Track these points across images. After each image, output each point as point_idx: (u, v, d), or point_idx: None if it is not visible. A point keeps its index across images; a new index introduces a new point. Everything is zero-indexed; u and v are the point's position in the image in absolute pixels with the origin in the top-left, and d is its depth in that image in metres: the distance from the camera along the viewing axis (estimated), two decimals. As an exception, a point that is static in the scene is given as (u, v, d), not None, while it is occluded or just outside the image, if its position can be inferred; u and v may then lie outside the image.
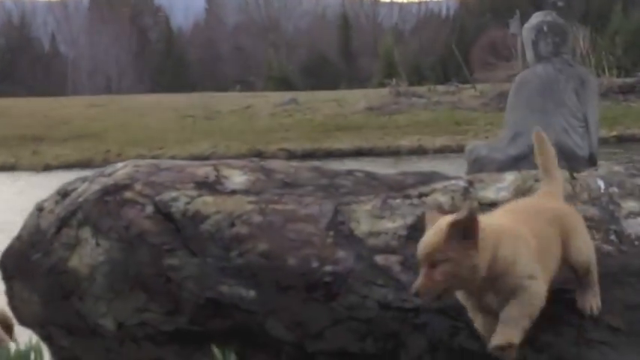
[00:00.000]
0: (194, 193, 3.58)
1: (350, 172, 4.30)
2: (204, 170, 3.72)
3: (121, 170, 3.67)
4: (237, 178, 3.74)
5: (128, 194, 3.52)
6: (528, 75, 8.54)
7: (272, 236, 3.59)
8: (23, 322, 3.85)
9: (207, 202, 3.56)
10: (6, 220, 11.06)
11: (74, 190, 3.69)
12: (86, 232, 3.49)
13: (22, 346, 3.51)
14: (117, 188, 3.54)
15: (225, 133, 18.30)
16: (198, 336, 3.58)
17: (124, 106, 21.92)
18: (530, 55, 8.44)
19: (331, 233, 3.76)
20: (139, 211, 3.48)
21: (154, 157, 16.21)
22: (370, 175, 4.27)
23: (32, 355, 3.72)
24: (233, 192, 3.67)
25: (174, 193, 3.53)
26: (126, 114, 20.51)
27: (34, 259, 3.61)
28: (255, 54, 59.63)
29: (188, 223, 3.50)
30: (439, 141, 23.69)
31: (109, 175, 3.66)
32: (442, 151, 22.06)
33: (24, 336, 4.00)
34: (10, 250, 3.76)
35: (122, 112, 20.83)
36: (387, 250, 3.78)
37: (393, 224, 3.86)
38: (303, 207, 3.79)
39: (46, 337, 3.71)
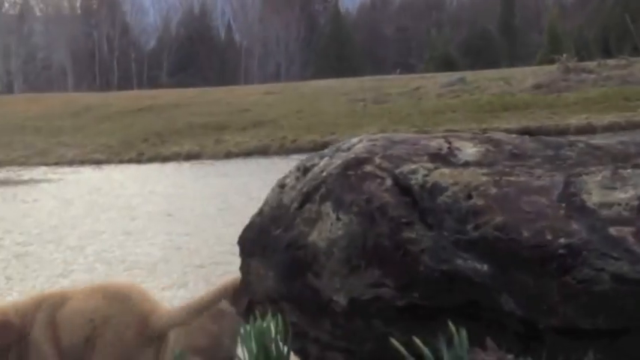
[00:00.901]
0: (430, 165, 3.57)
1: (572, 143, 4.21)
2: (436, 142, 3.71)
3: (358, 144, 3.72)
4: (468, 150, 3.71)
5: (369, 167, 3.55)
6: None
7: (508, 209, 3.52)
8: (255, 298, 3.95)
9: (444, 174, 3.54)
10: (194, 206, 11.62)
11: (314, 165, 3.76)
12: (328, 207, 3.54)
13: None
14: (358, 162, 3.58)
15: (393, 116, 18.33)
16: (427, 311, 3.55)
17: (299, 92, 22.33)
18: None
19: (563, 205, 3.68)
20: (379, 185, 3.50)
21: (325, 143, 16.47)
22: (592, 145, 4.17)
23: (272, 330, 3.83)
24: (466, 164, 3.63)
25: (412, 166, 3.54)
26: (300, 100, 20.91)
27: (275, 234, 3.70)
28: (417, 35, 59.19)
29: (426, 195, 3.49)
30: (608, 118, 22.82)
31: (348, 149, 3.71)
32: (611, 129, 21.24)
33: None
34: (250, 227, 3.87)
35: (297, 98, 21.25)
36: (620, 221, 3.65)
37: (625, 195, 3.73)
38: (535, 179, 3.72)
39: (278, 313, 3.79)
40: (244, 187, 12.82)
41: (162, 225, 10.33)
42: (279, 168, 14.11)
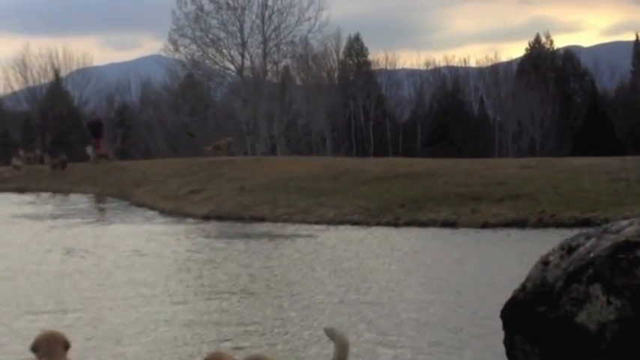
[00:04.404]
0: None
1: None
2: None
3: (628, 227, 3.62)
4: None
5: (641, 253, 3.47)
6: None
7: None
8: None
9: None
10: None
11: (580, 245, 3.71)
12: (597, 289, 3.49)
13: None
14: (629, 245, 3.50)
15: (662, 198, 17.24)
16: None
17: (555, 168, 21.76)
18: None
19: None
20: (655, 271, 3.40)
21: (586, 220, 15.90)
22: None
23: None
24: None
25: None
26: (557, 176, 20.34)
27: (539, 311, 3.68)
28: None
29: None
30: None
31: (617, 232, 3.63)
32: None
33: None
34: (513, 301, 3.87)
35: (553, 173, 20.71)
36: None
37: None
38: None
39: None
40: (511, 257, 12.68)
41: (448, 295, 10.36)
42: (540, 240, 13.97)
